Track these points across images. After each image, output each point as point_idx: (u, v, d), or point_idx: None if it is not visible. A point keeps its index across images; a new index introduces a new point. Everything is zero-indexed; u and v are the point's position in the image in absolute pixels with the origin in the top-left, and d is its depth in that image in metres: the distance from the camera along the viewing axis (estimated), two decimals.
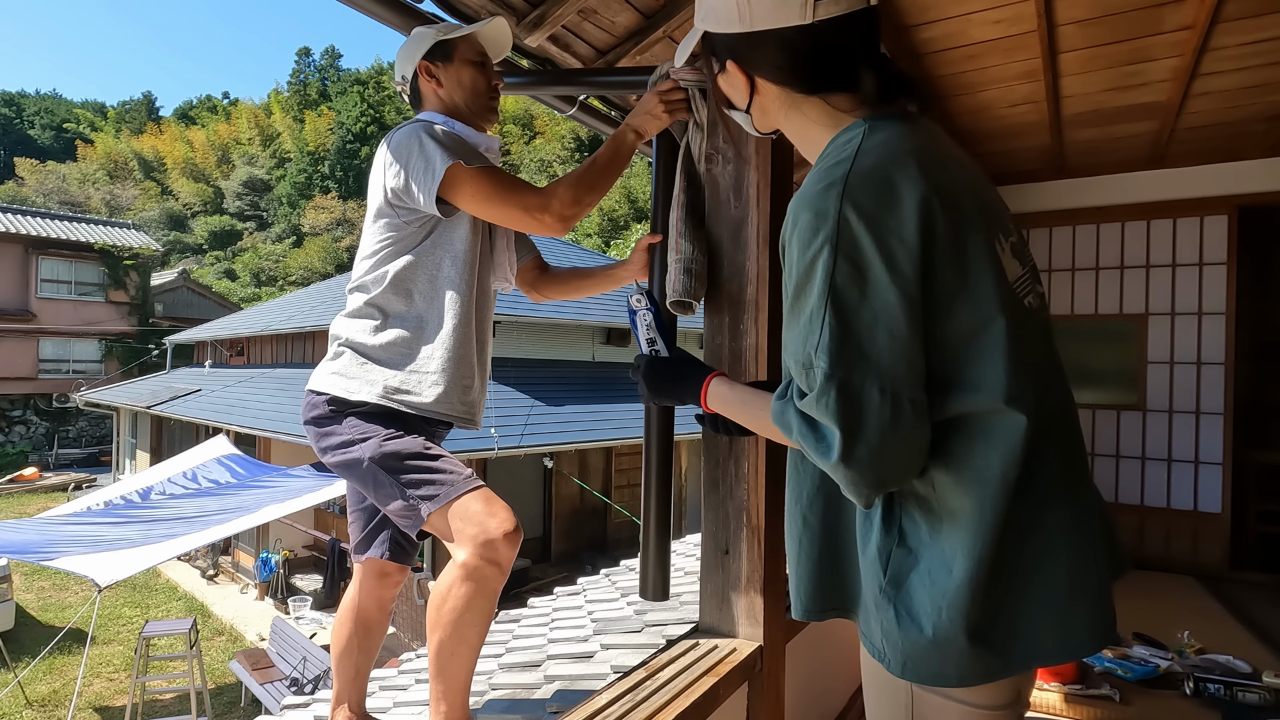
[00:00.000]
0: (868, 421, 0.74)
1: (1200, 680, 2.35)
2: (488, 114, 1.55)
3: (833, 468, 0.76)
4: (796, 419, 0.79)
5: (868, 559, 0.85)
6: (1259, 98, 2.94)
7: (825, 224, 0.75)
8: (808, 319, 0.77)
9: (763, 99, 0.91)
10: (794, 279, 0.79)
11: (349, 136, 38.75)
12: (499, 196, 1.35)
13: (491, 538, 1.28)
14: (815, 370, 0.75)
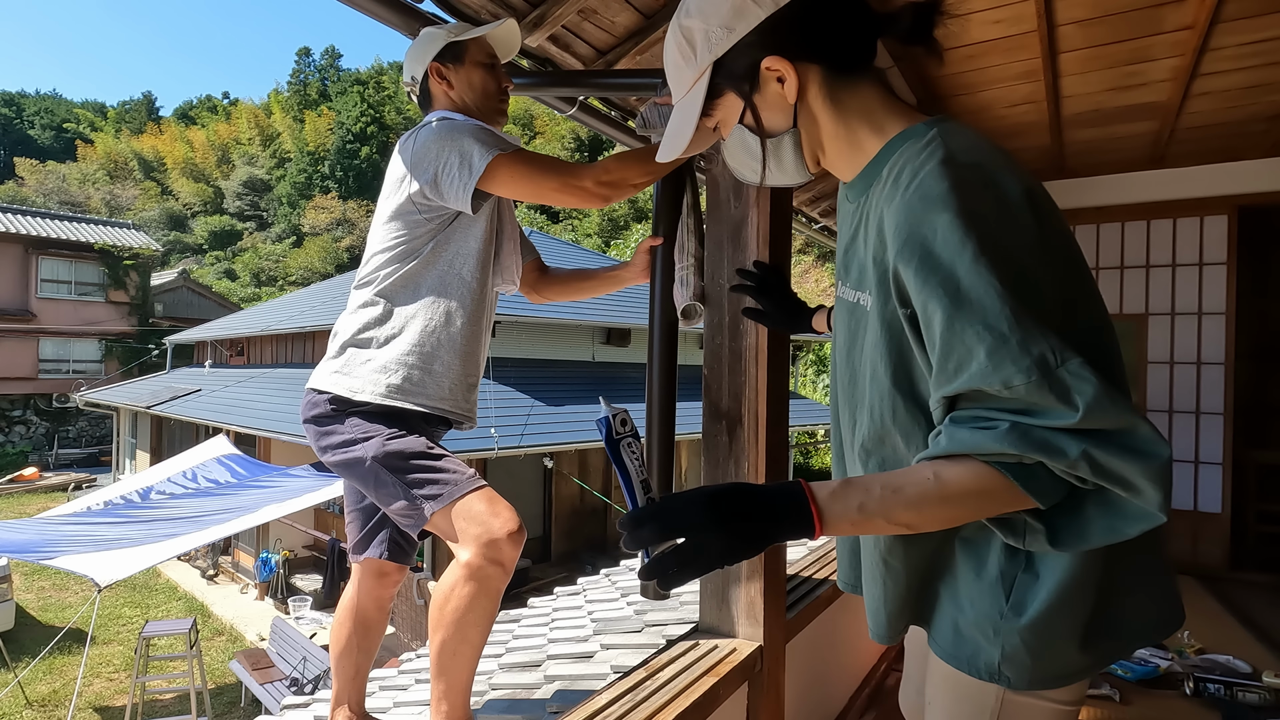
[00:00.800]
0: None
1: (1200, 680, 2.35)
2: (497, 115, 1.56)
3: (1161, 469, 0.65)
4: (1071, 438, 0.66)
5: (983, 584, 0.81)
6: (1259, 98, 2.94)
7: (973, 217, 0.68)
8: (1011, 326, 0.65)
9: (807, 100, 0.84)
10: (953, 288, 0.68)
11: (349, 136, 38.72)
12: (538, 174, 1.37)
13: (495, 537, 1.28)
14: (1068, 371, 0.64)
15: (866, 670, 2.67)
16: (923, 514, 0.72)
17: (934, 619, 0.90)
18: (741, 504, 0.71)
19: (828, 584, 2.14)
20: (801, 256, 22.56)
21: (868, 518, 0.72)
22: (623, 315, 11.79)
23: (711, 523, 0.70)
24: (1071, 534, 0.72)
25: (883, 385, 0.82)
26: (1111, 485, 0.67)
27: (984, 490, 0.70)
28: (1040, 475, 0.69)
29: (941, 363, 0.71)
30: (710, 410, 1.64)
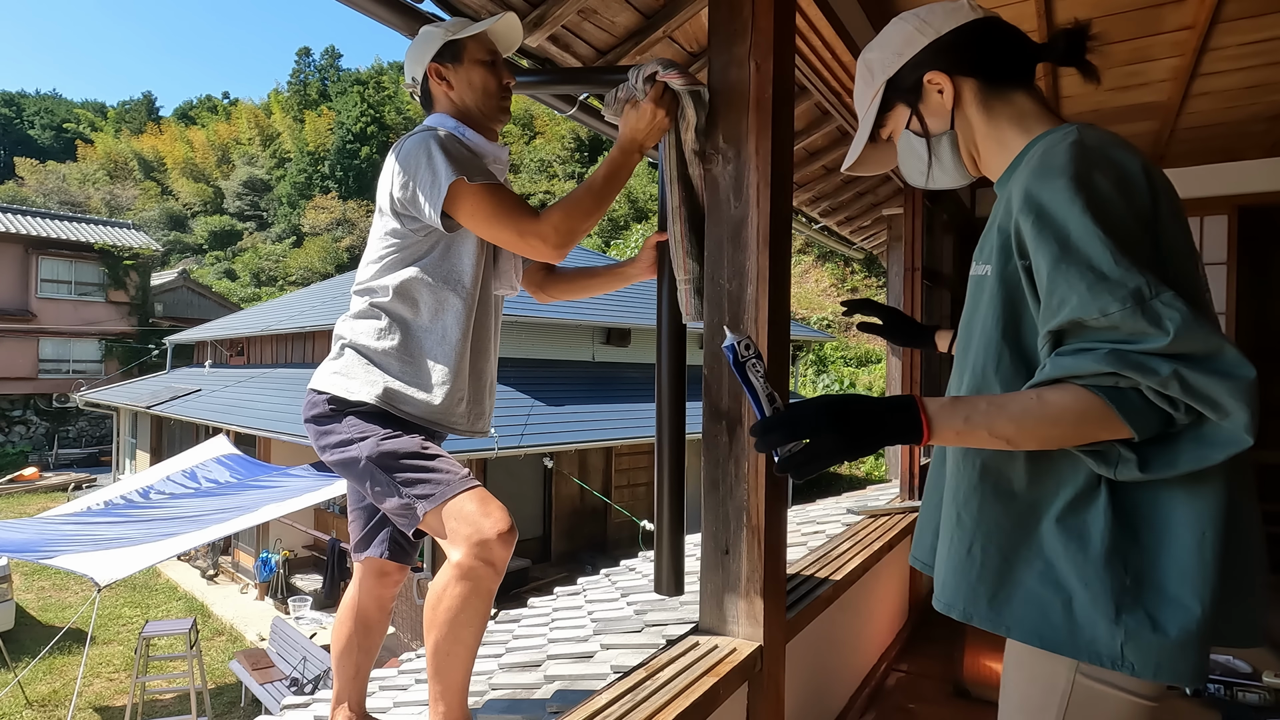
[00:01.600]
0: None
1: None
2: (499, 114, 1.54)
3: (1248, 388, 0.73)
4: (1164, 360, 0.73)
5: (1092, 562, 0.83)
6: (1259, 98, 2.94)
7: (1085, 184, 0.80)
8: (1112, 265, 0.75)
9: (963, 107, 1.00)
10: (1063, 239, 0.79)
11: (349, 136, 38.70)
12: (496, 217, 1.35)
13: (485, 537, 1.28)
14: (1161, 302, 0.73)
15: (866, 670, 2.67)
16: (1022, 428, 0.80)
17: (1014, 602, 0.89)
18: (856, 410, 0.82)
19: (828, 584, 2.14)
20: (801, 256, 22.55)
21: (972, 428, 0.82)
22: (623, 315, 11.79)
23: (829, 425, 0.81)
24: (1162, 460, 0.78)
25: (990, 337, 0.91)
26: (1201, 405, 0.74)
27: (1081, 410, 0.77)
28: (1134, 401, 0.76)
29: (1048, 301, 0.81)
30: (710, 410, 1.64)
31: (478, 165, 1.39)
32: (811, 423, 0.82)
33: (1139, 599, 0.81)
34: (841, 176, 3.91)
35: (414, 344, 1.43)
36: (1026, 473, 0.89)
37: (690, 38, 2.37)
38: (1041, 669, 0.91)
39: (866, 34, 2.39)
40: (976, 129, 1.00)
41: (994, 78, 0.99)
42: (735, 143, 1.59)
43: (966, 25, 0.99)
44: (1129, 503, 0.84)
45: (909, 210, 3.48)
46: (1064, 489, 0.86)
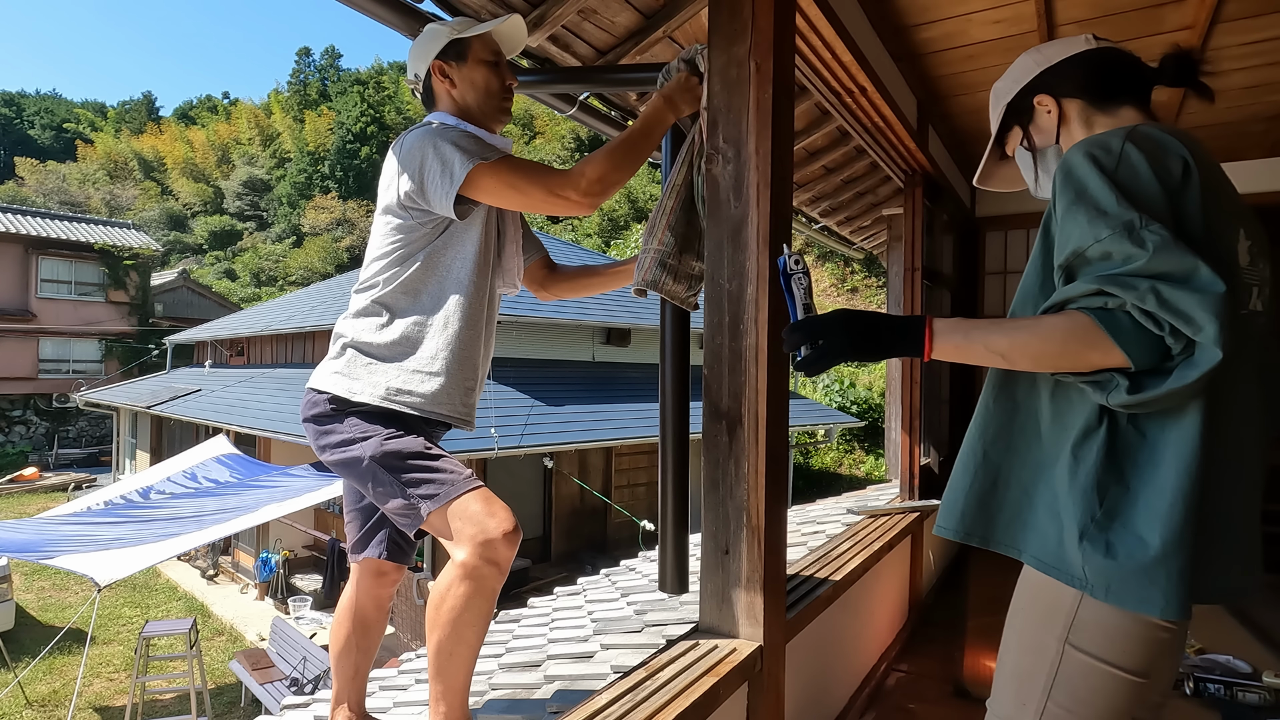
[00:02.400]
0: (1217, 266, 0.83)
1: (1200, 680, 2.35)
2: (500, 115, 1.54)
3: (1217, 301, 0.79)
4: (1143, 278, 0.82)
5: (1076, 491, 0.92)
6: (1259, 98, 2.95)
7: (1109, 152, 0.90)
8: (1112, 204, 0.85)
9: (1068, 124, 1.12)
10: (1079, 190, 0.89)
11: (349, 136, 38.69)
12: (522, 183, 1.35)
13: (490, 537, 1.27)
14: (1148, 230, 0.82)
15: (866, 670, 2.67)
16: (1014, 343, 0.90)
17: (1028, 529, 0.99)
18: (868, 320, 0.97)
19: (828, 584, 2.14)
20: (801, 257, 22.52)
21: (970, 343, 0.93)
22: (623, 315, 11.79)
23: (840, 328, 0.97)
24: (1149, 384, 0.85)
25: (1030, 290, 1.00)
26: (1176, 320, 0.80)
27: (1070, 328, 0.86)
28: (1123, 322, 0.84)
29: (1059, 240, 0.92)
30: (710, 410, 1.64)
31: (487, 145, 1.40)
32: (827, 325, 0.97)
33: (1104, 528, 0.90)
34: (841, 176, 3.91)
35: (417, 337, 1.42)
36: (1050, 413, 0.98)
37: (690, 38, 2.37)
38: (1034, 636, 1.00)
39: (866, 34, 2.39)
40: (1076, 137, 1.09)
41: (1099, 98, 1.09)
42: (735, 143, 1.59)
43: (1076, 55, 1.11)
44: (1121, 442, 0.92)
45: (909, 210, 3.48)
46: (1075, 427, 0.94)
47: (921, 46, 2.67)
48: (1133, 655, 0.92)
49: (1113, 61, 1.11)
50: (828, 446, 17.38)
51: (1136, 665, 0.92)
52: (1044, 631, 0.97)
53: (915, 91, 3.00)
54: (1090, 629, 0.93)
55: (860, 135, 2.92)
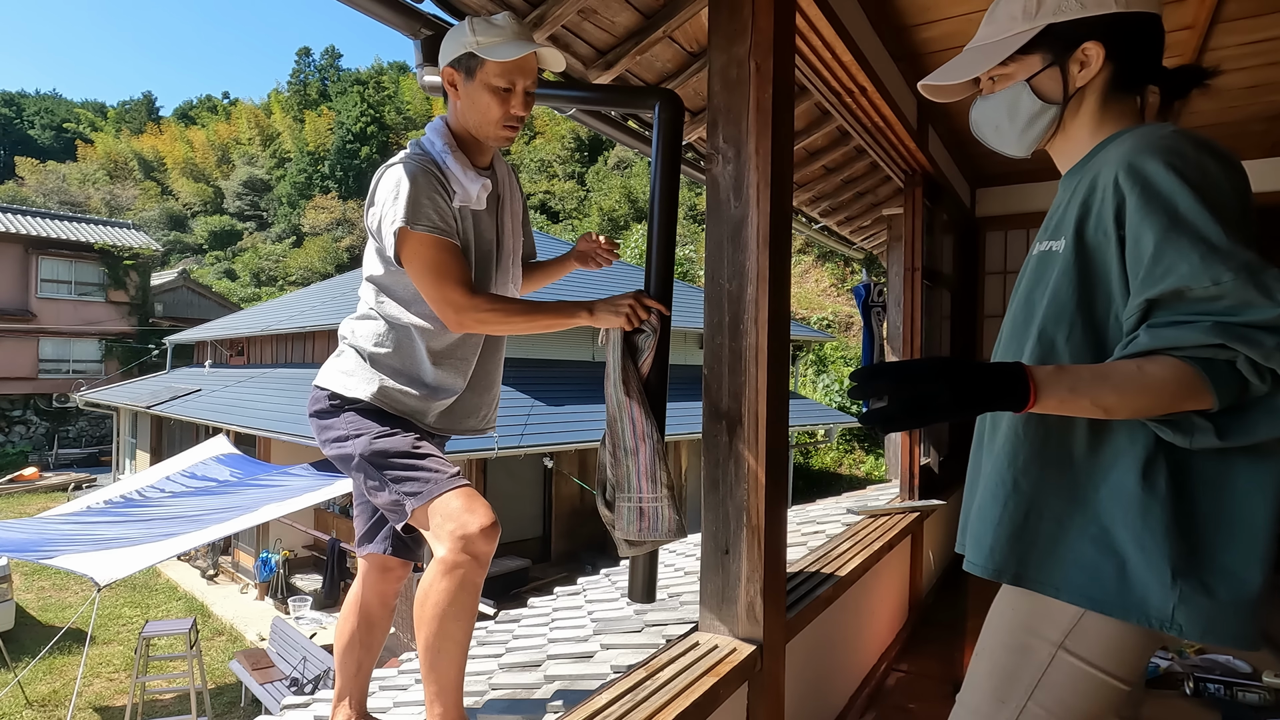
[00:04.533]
0: None
1: (1200, 680, 2.35)
2: (498, 140, 1.46)
3: None
4: (1267, 332, 0.77)
5: (1154, 527, 0.86)
6: (1259, 98, 2.95)
7: (1191, 164, 0.83)
8: (1222, 238, 0.78)
9: (1090, 89, 0.98)
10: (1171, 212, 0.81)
11: (349, 136, 38.67)
12: (430, 276, 1.35)
13: (468, 532, 1.30)
14: (1271, 275, 0.77)
15: (866, 670, 2.67)
16: (1124, 398, 0.82)
17: (1065, 564, 0.93)
18: (967, 371, 0.83)
19: (828, 584, 2.14)
20: (801, 256, 22.54)
21: (1077, 396, 0.83)
22: None
23: (941, 380, 0.81)
24: (1239, 429, 0.82)
25: (1064, 308, 0.93)
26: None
27: (1179, 381, 0.80)
28: (1224, 374, 0.79)
29: (1151, 268, 0.82)
30: (710, 410, 1.64)
31: (440, 207, 1.36)
32: (924, 376, 0.82)
33: (1194, 565, 0.84)
34: (841, 176, 3.91)
35: (408, 342, 1.46)
36: (1086, 441, 0.92)
37: (690, 38, 2.37)
38: (1022, 638, 0.96)
39: (866, 34, 2.39)
40: (1083, 114, 1.00)
41: (1127, 75, 0.98)
42: (735, 143, 1.59)
43: (1144, 15, 0.96)
44: (1188, 471, 0.87)
45: (909, 210, 3.48)
46: (1123, 457, 0.89)
47: (921, 46, 2.67)
48: (1129, 664, 0.91)
49: (1159, 40, 0.98)
50: (828, 446, 17.38)
51: (1129, 673, 0.92)
52: (1031, 634, 0.96)
53: (915, 92, 3.00)
54: (1092, 637, 0.91)
55: (860, 135, 2.92)
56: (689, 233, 23.09)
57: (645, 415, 1.48)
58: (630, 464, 1.49)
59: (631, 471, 1.50)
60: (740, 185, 1.58)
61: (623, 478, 1.50)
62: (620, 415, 1.49)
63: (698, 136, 2.87)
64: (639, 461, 1.49)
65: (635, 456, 1.49)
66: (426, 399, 1.47)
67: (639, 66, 2.41)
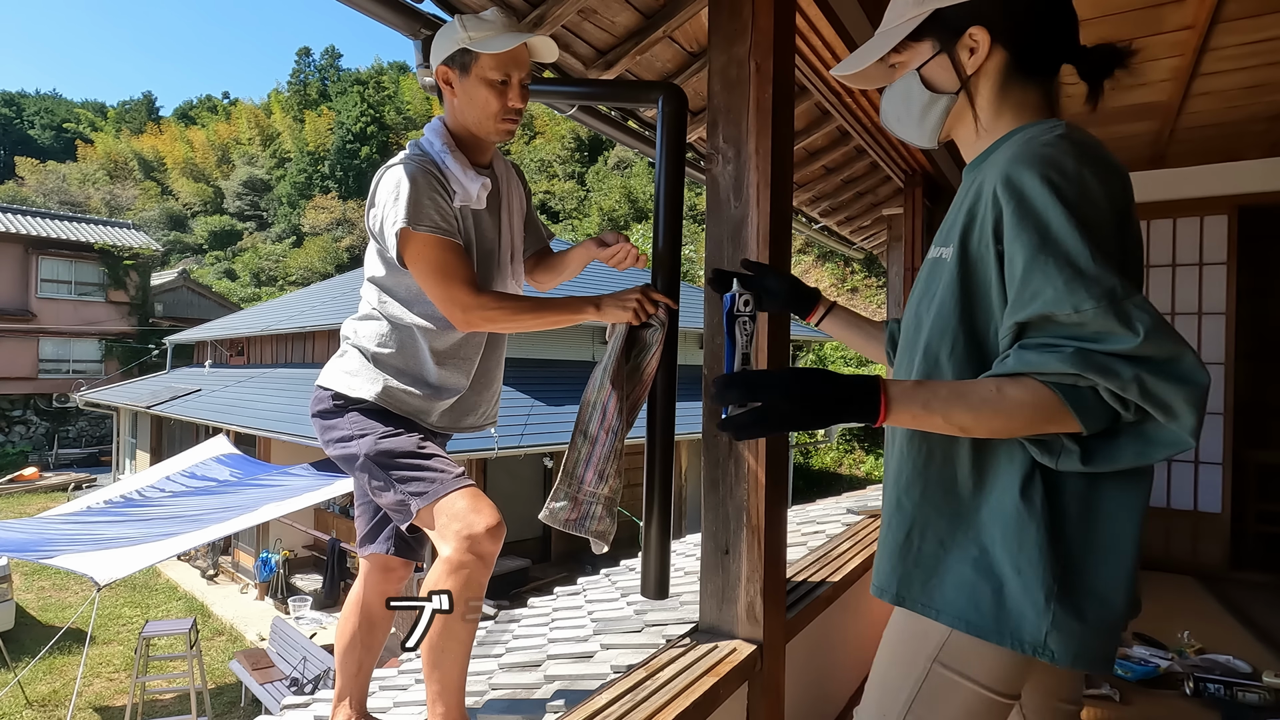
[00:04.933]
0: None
1: (1200, 680, 2.35)
2: (499, 134, 1.45)
3: (1201, 395, 0.74)
4: (1125, 362, 0.74)
5: (1030, 549, 0.83)
6: (1259, 98, 2.94)
7: (1065, 176, 0.79)
8: (1089, 263, 0.75)
9: (981, 76, 0.93)
10: (1043, 230, 0.78)
11: (349, 136, 38.66)
12: (435, 276, 1.35)
13: (474, 532, 1.30)
14: (1133, 304, 0.74)
15: (867, 670, 2.67)
16: (979, 418, 0.81)
17: (946, 587, 0.90)
18: (817, 383, 0.82)
19: (828, 584, 2.14)
20: (801, 256, 22.55)
21: (930, 413, 0.82)
22: None
23: (787, 393, 0.81)
24: (1104, 456, 0.80)
25: (947, 323, 0.89)
26: (1155, 409, 0.75)
27: (1037, 405, 0.78)
28: (1088, 400, 0.77)
29: (1019, 291, 0.79)
30: (710, 410, 1.64)
31: (441, 208, 1.36)
32: (772, 387, 0.82)
33: (1067, 588, 0.82)
34: (841, 176, 3.91)
35: (411, 343, 1.46)
36: (970, 460, 0.89)
37: (690, 38, 2.37)
38: (903, 652, 0.95)
39: (866, 34, 2.39)
40: (979, 103, 0.94)
41: (1025, 60, 0.92)
42: (735, 143, 1.59)
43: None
44: (1063, 494, 0.85)
45: (909, 210, 3.48)
46: (1003, 477, 0.87)
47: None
48: (1006, 679, 0.89)
49: (1065, 21, 0.93)
50: (828, 446, 17.38)
51: (1008, 687, 0.89)
52: (910, 649, 0.95)
53: None
54: (967, 652, 0.89)
55: (860, 135, 2.92)
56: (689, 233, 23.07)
57: (618, 411, 1.47)
58: (584, 450, 1.48)
59: (582, 459, 1.48)
60: (740, 185, 1.58)
61: (572, 462, 1.49)
62: (595, 401, 1.49)
63: (698, 136, 2.87)
64: (593, 451, 1.48)
65: (592, 445, 1.48)
66: (430, 399, 1.47)
67: (639, 66, 2.41)
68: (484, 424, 1.61)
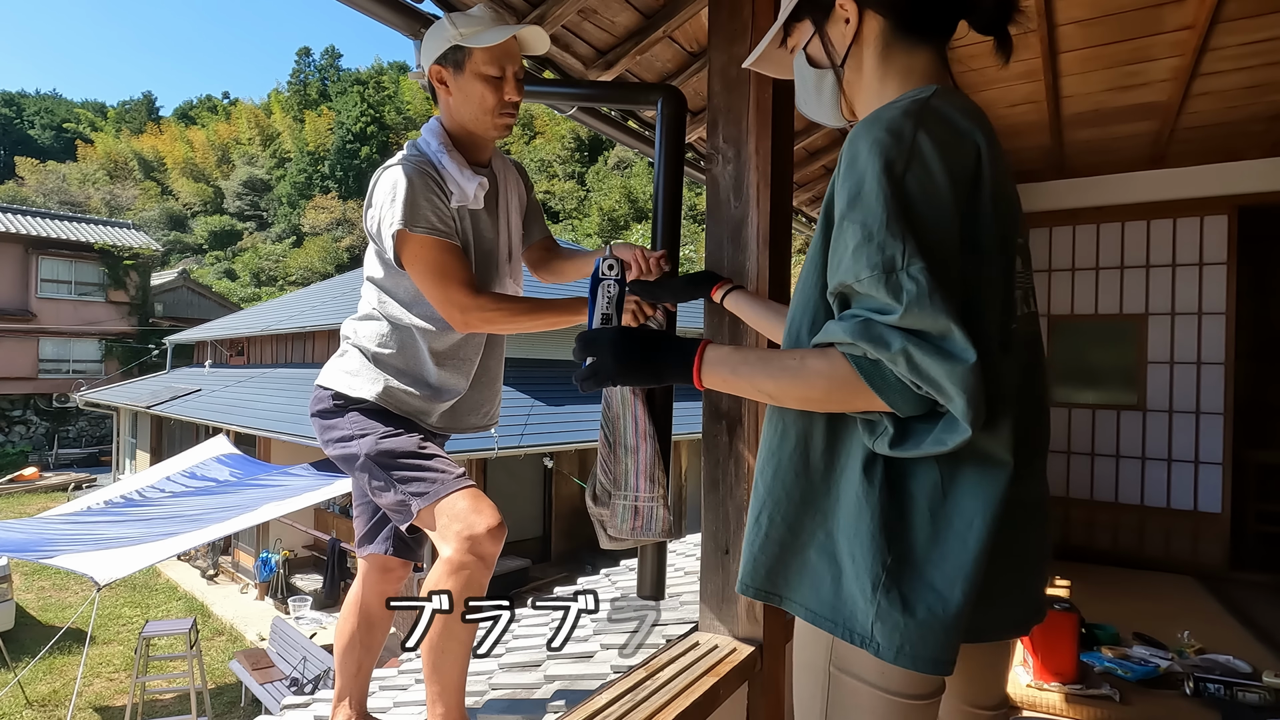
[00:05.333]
0: (976, 322, 0.72)
1: (1200, 680, 2.35)
2: (497, 130, 1.45)
3: (968, 371, 0.69)
4: (897, 334, 0.71)
5: (864, 534, 0.79)
6: (1259, 98, 2.94)
7: (900, 142, 0.75)
8: (883, 228, 0.72)
9: (861, 46, 0.90)
10: (853, 191, 0.75)
11: (349, 136, 38.68)
12: (432, 277, 1.35)
13: (476, 532, 1.30)
14: (909, 271, 0.70)
15: None
16: (780, 387, 0.81)
17: (793, 573, 0.87)
18: (638, 344, 0.90)
19: None
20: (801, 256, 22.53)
21: (738, 378, 0.84)
22: None
23: (609, 349, 0.90)
24: (910, 440, 0.76)
25: (808, 297, 0.86)
26: (927, 387, 0.71)
27: (833, 377, 0.76)
28: (887, 376, 0.73)
29: (831, 256, 0.78)
30: (710, 410, 1.64)
31: (438, 210, 1.36)
32: (600, 345, 0.91)
33: (897, 578, 0.77)
34: None
35: (411, 343, 1.46)
36: (823, 441, 0.85)
37: (690, 38, 2.37)
38: (806, 658, 0.90)
39: None
40: (865, 74, 0.91)
41: (905, 24, 0.88)
42: (735, 143, 1.59)
43: None
44: (913, 481, 0.80)
45: None
46: (852, 460, 0.82)
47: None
48: (900, 679, 0.81)
49: None
50: None
51: (910, 687, 0.82)
52: (813, 654, 0.88)
53: None
54: (849, 652, 0.83)
55: None
56: (689, 233, 23.08)
57: (648, 414, 1.48)
58: (630, 462, 1.49)
59: (630, 469, 1.49)
60: (740, 185, 1.58)
61: (620, 475, 1.50)
62: (624, 412, 1.49)
63: (698, 136, 2.87)
64: (639, 459, 1.48)
65: (635, 454, 1.49)
66: (430, 399, 1.47)
67: (639, 66, 2.41)
68: (487, 424, 1.61)
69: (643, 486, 1.49)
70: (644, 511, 1.49)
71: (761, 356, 0.84)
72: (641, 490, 1.49)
